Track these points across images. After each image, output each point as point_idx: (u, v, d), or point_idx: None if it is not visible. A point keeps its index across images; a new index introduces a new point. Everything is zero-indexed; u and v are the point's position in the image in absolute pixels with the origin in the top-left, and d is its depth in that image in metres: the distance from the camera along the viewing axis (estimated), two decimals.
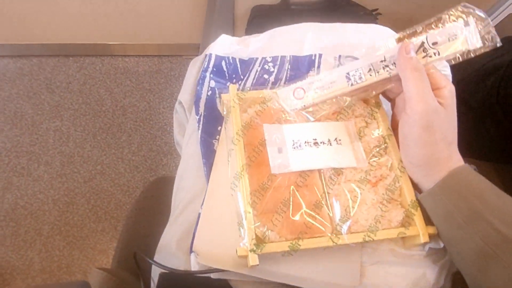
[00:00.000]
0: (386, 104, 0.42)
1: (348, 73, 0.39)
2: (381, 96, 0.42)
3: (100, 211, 1.12)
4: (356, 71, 0.39)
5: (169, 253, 0.40)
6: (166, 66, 1.42)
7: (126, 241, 0.55)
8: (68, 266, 1.03)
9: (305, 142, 0.37)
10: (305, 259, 0.35)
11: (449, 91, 0.34)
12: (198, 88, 0.49)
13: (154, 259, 0.42)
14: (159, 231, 0.43)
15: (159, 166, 1.22)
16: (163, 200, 0.48)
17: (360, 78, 0.38)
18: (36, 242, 1.05)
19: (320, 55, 0.50)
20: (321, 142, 0.37)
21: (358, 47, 0.41)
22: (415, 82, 0.33)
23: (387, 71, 0.37)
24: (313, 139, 0.37)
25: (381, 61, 0.38)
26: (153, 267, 0.42)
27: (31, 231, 1.07)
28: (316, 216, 0.34)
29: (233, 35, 0.56)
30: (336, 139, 0.37)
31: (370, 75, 0.38)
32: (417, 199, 0.36)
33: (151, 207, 0.58)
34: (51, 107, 1.28)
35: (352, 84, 0.39)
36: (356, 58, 0.46)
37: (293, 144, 0.37)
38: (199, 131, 0.45)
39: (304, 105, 0.39)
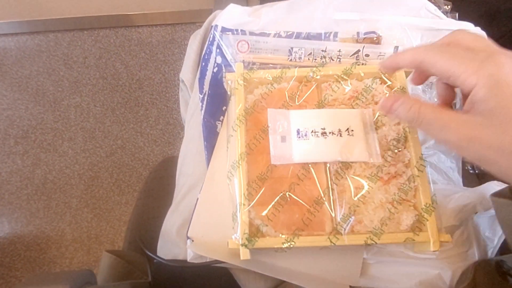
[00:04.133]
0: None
1: (291, 48, 0.40)
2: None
3: (123, 184, 1.16)
4: (299, 49, 0.40)
5: (170, 240, 0.39)
6: (179, 35, 1.37)
7: (136, 222, 0.55)
8: (97, 236, 1.09)
9: (312, 131, 0.33)
10: (303, 253, 0.34)
11: (473, 97, 0.24)
12: (203, 64, 0.46)
13: (158, 244, 0.42)
14: (166, 213, 0.43)
15: (176, 139, 1.23)
16: (170, 181, 0.47)
17: (300, 58, 0.40)
18: (66, 214, 1.11)
19: (336, 34, 0.44)
20: (330, 133, 0.33)
21: (378, 23, 0.36)
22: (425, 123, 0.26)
23: (322, 60, 0.39)
24: (321, 129, 0.33)
25: (322, 51, 0.39)
26: (158, 248, 0.42)
27: (61, 204, 1.13)
28: (316, 212, 0.32)
29: (247, 1, 0.51)
30: (348, 129, 0.33)
31: (308, 58, 0.40)
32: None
33: (159, 188, 0.58)
34: (70, 83, 1.30)
35: (291, 60, 0.40)
36: (374, 32, 0.42)
37: (298, 134, 0.34)
38: (202, 111, 0.42)
39: (243, 60, 0.39)
